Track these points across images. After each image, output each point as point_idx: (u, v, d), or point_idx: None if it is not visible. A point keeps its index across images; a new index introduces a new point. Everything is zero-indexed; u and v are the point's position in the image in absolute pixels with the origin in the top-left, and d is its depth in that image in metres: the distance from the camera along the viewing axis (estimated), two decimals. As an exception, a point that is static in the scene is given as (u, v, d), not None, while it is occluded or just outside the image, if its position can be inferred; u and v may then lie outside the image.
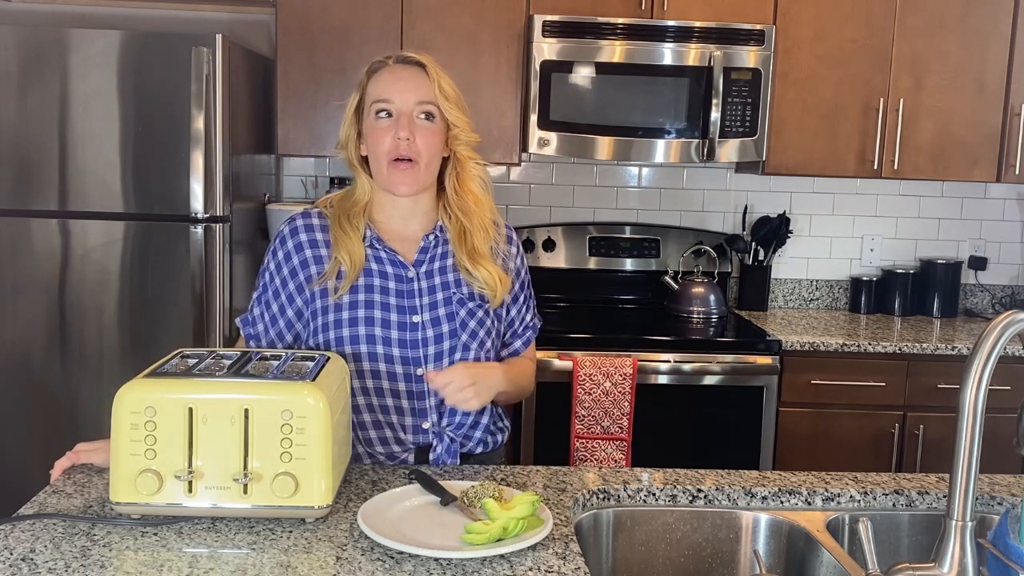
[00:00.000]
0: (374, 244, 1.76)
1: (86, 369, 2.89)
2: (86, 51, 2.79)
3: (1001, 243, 3.82)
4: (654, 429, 3.01)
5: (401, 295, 1.73)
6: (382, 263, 1.75)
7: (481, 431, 1.80)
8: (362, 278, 1.73)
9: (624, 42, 3.19)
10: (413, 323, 1.72)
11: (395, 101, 1.69)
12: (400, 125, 1.68)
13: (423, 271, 1.76)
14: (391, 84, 1.71)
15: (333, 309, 1.72)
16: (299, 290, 1.75)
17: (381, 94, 1.71)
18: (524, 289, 1.89)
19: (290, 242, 1.77)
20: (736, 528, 1.63)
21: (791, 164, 3.35)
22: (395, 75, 1.71)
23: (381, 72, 1.73)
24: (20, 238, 2.85)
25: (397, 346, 1.71)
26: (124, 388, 1.39)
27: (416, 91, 1.70)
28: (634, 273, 3.64)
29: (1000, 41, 3.33)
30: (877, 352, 3.11)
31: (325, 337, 1.71)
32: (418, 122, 1.70)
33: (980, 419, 1.15)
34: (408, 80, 1.70)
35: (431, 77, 1.70)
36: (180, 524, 1.39)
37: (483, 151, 3.22)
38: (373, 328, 1.70)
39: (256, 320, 1.79)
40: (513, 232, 1.88)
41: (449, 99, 1.71)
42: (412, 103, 1.69)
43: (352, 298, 1.72)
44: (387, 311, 1.71)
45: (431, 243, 1.78)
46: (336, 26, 3.18)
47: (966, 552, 1.16)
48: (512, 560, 1.32)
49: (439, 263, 1.77)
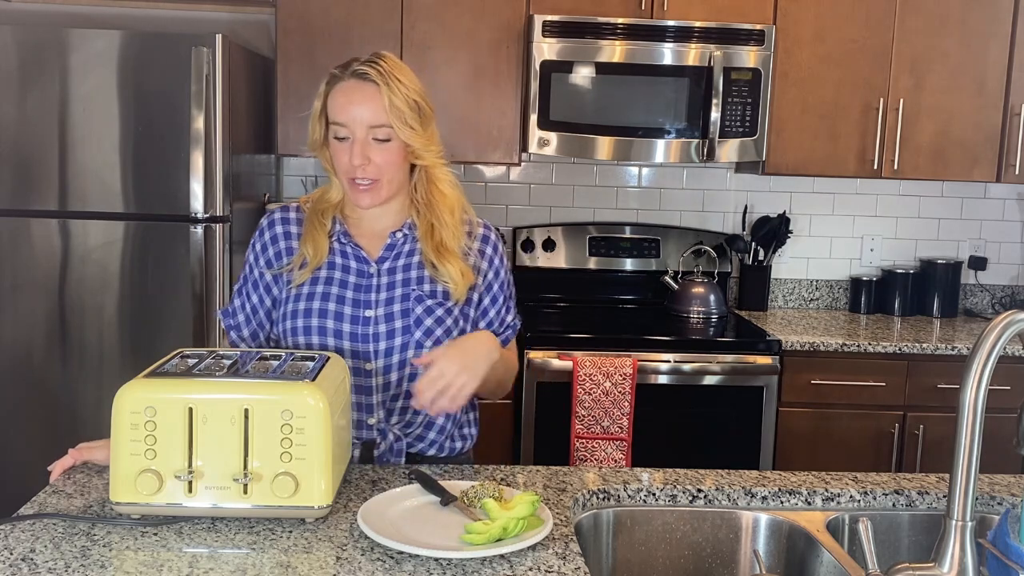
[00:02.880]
0: (341, 239, 1.78)
1: (86, 369, 2.89)
2: (86, 51, 2.79)
3: (1001, 243, 3.82)
4: (654, 429, 3.01)
5: (359, 289, 1.75)
6: (347, 257, 1.77)
7: (436, 432, 1.79)
8: (324, 271, 1.75)
9: (624, 42, 3.19)
10: (366, 317, 1.73)
11: (348, 125, 1.67)
12: (354, 152, 1.67)
13: (386, 267, 1.77)
14: (344, 108, 1.67)
15: (292, 299, 1.75)
16: (275, 280, 1.79)
17: (336, 116, 1.69)
18: (504, 289, 1.87)
19: (267, 234, 1.81)
20: (736, 528, 1.63)
21: (791, 164, 3.35)
22: (347, 97, 1.67)
23: (336, 89, 1.69)
24: (20, 238, 2.85)
25: (348, 339, 1.72)
26: (124, 388, 1.39)
27: (368, 114, 1.66)
28: (634, 273, 3.64)
29: (1000, 41, 3.33)
30: (877, 352, 3.11)
31: (282, 327, 1.75)
32: (373, 144, 1.68)
33: (980, 419, 1.15)
34: (360, 103, 1.66)
35: (383, 96, 1.66)
36: (180, 524, 1.39)
37: (483, 151, 3.28)
38: (325, 320, 1.72)
39: (236, 311, 1.82)
40: (492, 232, 1.86)
41: (403, 118, 1.66)
42: (364, 128, 1.67)
43: (311, 290, 1.74)
44: (342, 304, 1.73)
45: (399, 240, 1.78)
46: (336, 26, 3.18)
47: (966, 552, 1.16)
48: (512, 560, 1.32)
49: (404, 260, 1.78)
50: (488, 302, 1.83)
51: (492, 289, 1.83)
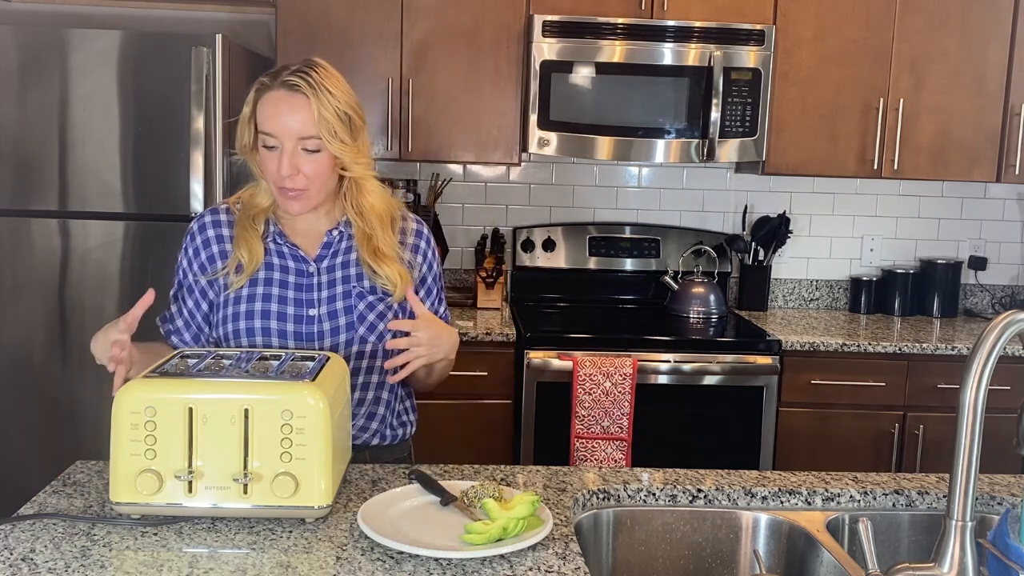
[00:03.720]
0: (276, 239, 1.78)
1: (86, 369, 2.88)
2: (86, 51, 2.79)
3: (1001, 243, 3.82)
4: (654, 429, 3.01)
5: (300, 288, 1.76)
6: (284, 257, 1.78)
7: (377, 422, 1.83)
8: (262, 272, 1.76)
9: (624, 42, 3.19)
10: (309, 316, 1.75)
11: (276, 135, 1.66)
12: (283, 163, 1.66)
13: (324, 266, 1.78)
14: (272, 119, 1.66)
15: (232, 302, 1.75)
16: (210, 285, 1.79)
17: (264, 125, 1.67)
18: (437, 281, 1.90)
19: (199, 238, 1.80)
20: (736, 528, 1.63)
21: (791, 164, 3.35)
22: (276, 108, 1.65)
23: (265, 99, 1.67)
24: (20, 238, 2.85)
25: (292, 339, 1.74)
26: (124, 388, 1.39)
27: (297, 125, 1.64)
28: (634, 273, 3.64)
29: (1000, 41, 3.33)
30: (877, 352, 3.11)
31: (224, 330, 1.75)
32: (302, 154, 1.67)
33: (980, 419, 1.15)
34: (288, 114, 1.64)
35: (312, 107, 1.64)
36: (180, 524, 1.39)
37: (483, 151, 3.28)
38: (269, 321, 1.73)
39: (175, 316, 1.82)
40: (424, 226, 1.89)
41: (333, 130, 1.65)
42: (293, 139, 1.65)
43: (250, 291, 1.75)
44: (284, 304, 1.74)
45: (335, 238, 1.80)
46: (336, 26, 3.18)
47: (966, 552, 1.16)
48: (512, 560, 1.32)
49: (342, 258, 1.79)
50: (423, 294, 1.86)
51: (427, 282, 1.87)
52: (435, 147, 3.26)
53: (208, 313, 1.80)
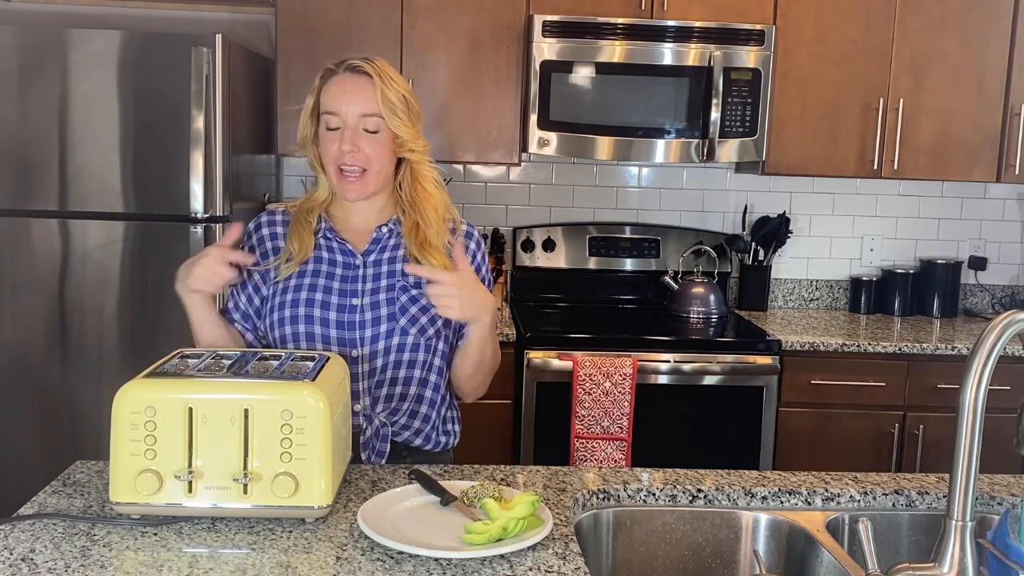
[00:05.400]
0: (327, 235, 1.83)
1: (86, 369, 2.89)
2: (86, 51, 2.79)
3: (1001, 243, 3.82)
4: (654, 429, 3.01)
5: (345, 280, 1.80)
6: (333, 252, 1.82)
7: (420, 421, 1.84)
8: (311, 264, 1.80)
9: (624, 42, 3.18)
10: (352, 305, 1.77)
11: (340, 114, 1.74)
12: (344, 138, 1.73)
13: (372, 260, 1.82)
14: (337, 97, 1.74)
15: (280, 292, 1.80)
16: (263, 279, 1.83)
17: (328, 105, 1.75)
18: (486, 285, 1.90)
19: (255, 236, 1.87)
20: (736, 528, 1.63)
21: (791, 164, 3.35)
22: (341, 87, 1.75)
23: (331, 81, 1.77)
24: (20, 238, 2.85)
25: (335, 327, 1.76)
26: (124, 388, 1.39)
27: (360, 104, 1.73)
28: (634, 273, 3.64)
29: (1000, 41, 3.33)
30: (877, 352, 3.11)
31: (270, 319, 1.79)
32: (363, 134, 1.74)
33: (980, 419, 1.15)
34: (353, 93, 1.73)
35: (376, 87, 1.73)
36: (180, 524, 1.39)
37: (483, 151, 3.28)
38: (313, 309, 1.77)
39: (232, 311, 1.86)
40: (475, 231, 1.92)
41: (394, 109, 1.74)
42: (356, 116, 1.73)
43: (298, 282, 1.79)
44: (328, 294, 1.78)
45: (384, 235, 1.83)
46: (336, 26, 3.18)
47: (966, 552, 1.16)
48: (512, 560, 1.32)
49: (389, 253, 1.82)
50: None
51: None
52: (435, 147, 3.25)
53: (260, 307, 1.83)
